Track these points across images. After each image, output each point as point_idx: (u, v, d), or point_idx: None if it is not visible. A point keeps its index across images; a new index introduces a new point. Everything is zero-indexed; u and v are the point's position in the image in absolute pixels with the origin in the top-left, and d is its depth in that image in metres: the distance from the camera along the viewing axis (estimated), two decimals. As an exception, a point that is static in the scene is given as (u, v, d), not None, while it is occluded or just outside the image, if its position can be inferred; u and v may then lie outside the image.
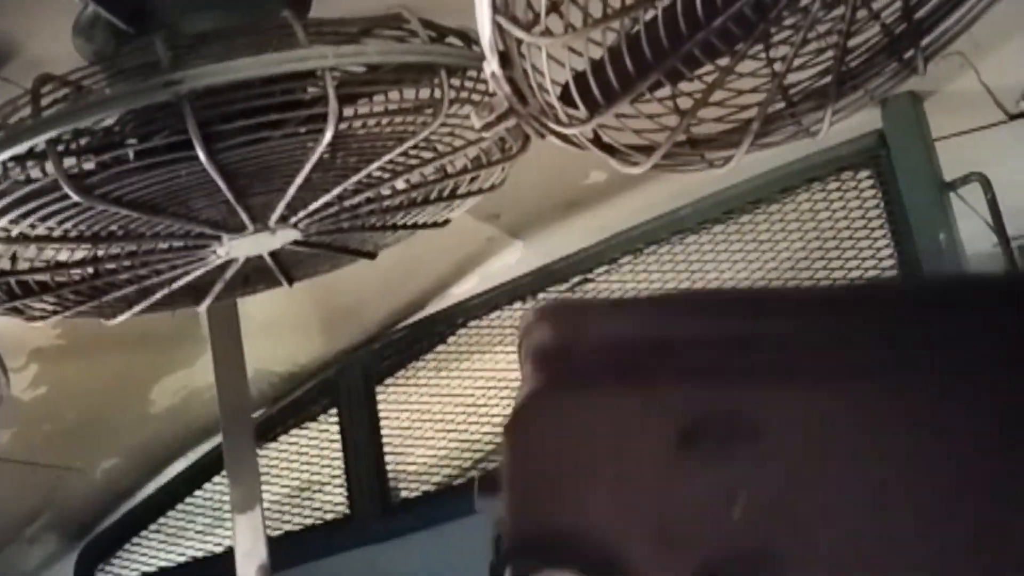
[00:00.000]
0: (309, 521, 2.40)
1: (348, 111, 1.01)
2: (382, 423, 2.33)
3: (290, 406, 2.44)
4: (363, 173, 1.05)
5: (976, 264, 1.84)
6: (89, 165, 1.01)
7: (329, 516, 2.37)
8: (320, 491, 2.42)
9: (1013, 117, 1.97)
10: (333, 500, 2.38)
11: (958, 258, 1.80)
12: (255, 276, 1.29)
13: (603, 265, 2.13)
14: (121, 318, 1.24)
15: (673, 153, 1.01)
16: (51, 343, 1.96)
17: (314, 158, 0.96)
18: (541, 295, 2.20)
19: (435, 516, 2.14)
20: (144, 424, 2.34)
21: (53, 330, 1.92)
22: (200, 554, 2.47)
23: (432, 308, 2.30)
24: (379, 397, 2.34)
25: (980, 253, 1.91)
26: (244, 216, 1.04)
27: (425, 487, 2.27)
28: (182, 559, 2.50)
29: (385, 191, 1.13)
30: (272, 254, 1.19)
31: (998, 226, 1.85)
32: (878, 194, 1.87)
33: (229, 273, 1.21)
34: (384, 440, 2.32)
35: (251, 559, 1.32)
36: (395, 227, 1.23)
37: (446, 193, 1.20)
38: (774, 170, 1.92)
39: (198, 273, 1.18)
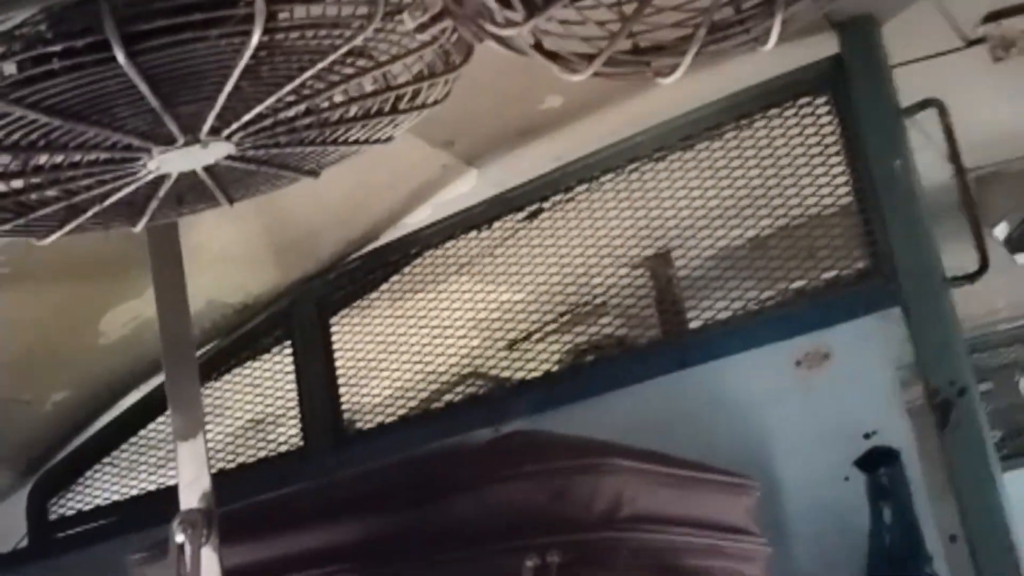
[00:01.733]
0: (263, 454, 2.38)
1: (283, 15, 0.97)
2: (336, 355, 2.31)
3: (242, 338, 2.41)
4: (296, 82, 1.01)
5: (931, 195, 1.83)
6: (9, 70, 0.97)
7: (283, 449, 2.36)
8: (274, 424, 2.41)
9: (971, 43, 1.94)
10: (287, 432, 2.36)
11: (912, 187, 1.79)
12: (192, 195, 1.25)
13: (559, 193, 2.11)
14: (52, 238, 1.20)
15: (618, 60, 0.98)
16: (-7, 271, 1.92)
17: (242, 63, 0.92)
18: (496, 224, 2.17)
19: (388, 448, 2.12)
20: (95, 356, 2.31)
21: (-6, 256, 1.88)
22: (153, 487, 2.45)
23: (386, 238, 2.27)
24: (333, 328, 2.32)
25: (936, 184, 1.89)
26: (173, 127, 1.00)
27: (379, 419, 2.26)
28: (136, 492, 2.48)
29: (323, 103, 1.09)
30: (208, 171, 1.15)
31: (953, 154, 1.84)
32: (835, 120, 1.85)
33: (163, 190, 1.16)
34: (338, 372, 2.30)
35: (194, 488, 1.30)
36: (335, 143, 1.19)
37: (387, 108, 1.16)
38: (731, 96, 1.90)
39: (129, 189, 1.13)
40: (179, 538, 1.28)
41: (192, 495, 1.31)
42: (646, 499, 1.31)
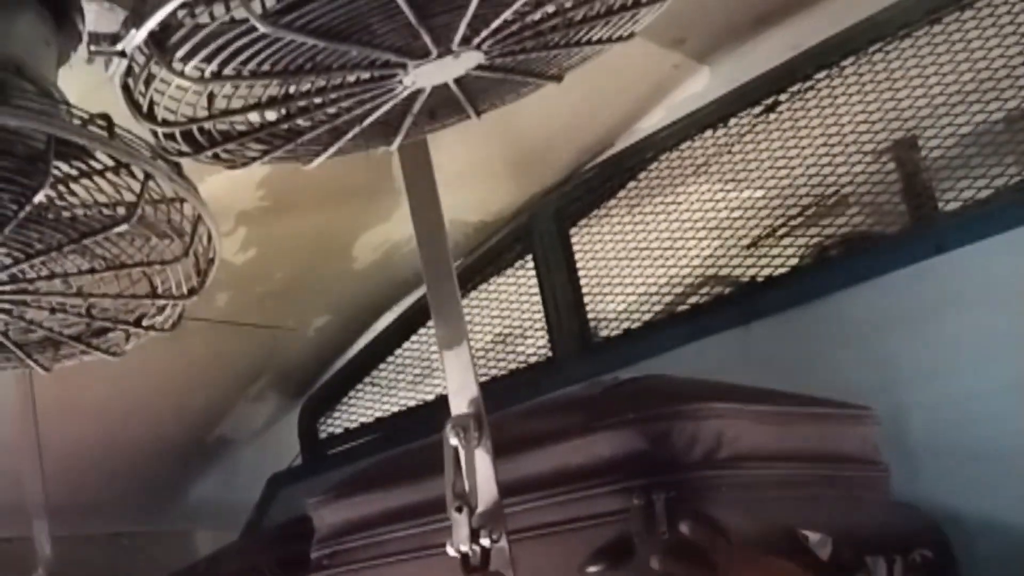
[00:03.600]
0: (513, 367, 2.44)
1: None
2: (578, 265, 2.33)
3: (484, 255, 2.47)
4: (543, -18, 1.02)
5: None
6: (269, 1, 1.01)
7: (532, 360, 2.41)
8: (521, 337, 2.46)
9: None
10: (535, 344, 2.41)
11: None
12: (442, 109, 1.28)
13: (796, 83, 2.04)
14: (319, 160, 1.25)
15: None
16: (255, 205, 2.03)
17: (493, -33, 0.94)
18: (732, 121, 2.12)
19: (636, 354, 2.13)
20: (350, 281, 2.42)
21: (256, 192, 1.99)
22: (413, 403, 2.56)
23: (621, 144, 2.26)
24: (573, 239, 2.34)
25: None
26: (427, 39, 1.03)
27: (625, 325, 2.27)
28: (396, 409, 2.60)
29: (567, 3, 1.09)
30: (457, 83, 1.18)
31: None
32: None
33: (417, 105, 1.20)
34: (581, 282, 2.32)
35: (463, 394, 1.34)
36: (579, 43, 1.19)
37: (629, 2, 1.15)
38: (980, -38, 1.78)
39: (387, 107, 1.17)
40: (453, 441, 1.32)
41: (461, 401, 1.36)
42: (749, 437, 1.37)
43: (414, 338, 2.57)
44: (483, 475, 1.30)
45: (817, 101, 2.02)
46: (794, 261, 2.10)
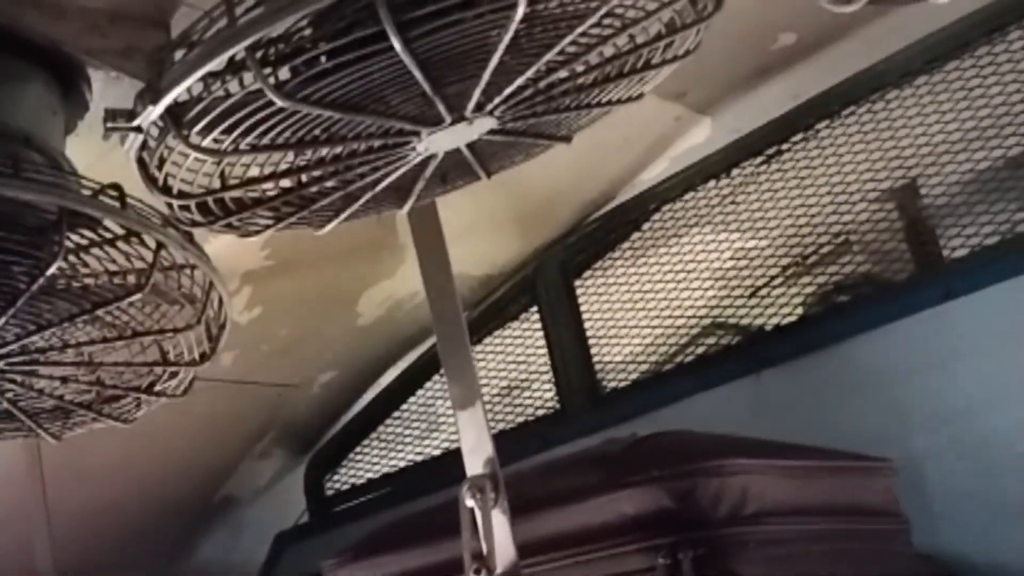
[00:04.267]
0: (521, 419, 2.43)
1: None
2: (584, 316, 2.33)
3: (490, 308, 2.47)
4: (555, 50, 1.02)
5: None
6: (282, 75, 1.01)
7: (540, 413, 2.40)
8: (528, 389, 2.45)
9: None
10: (542, 396, 2.40)
11: None
12: (453, 172, 1.28)
13: (798, 133, 2.05)
14: (331, 226, 1.25)
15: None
16: (260, 264, 2.03)
17: (507, 38, 0.94)
18: (734, 171, 2.13)
19: (645, 405, 2.12)
20: (355, 337, 2.41)
21: (261, 251, 1.99)
22: (420, 458, 2.54)
23: (624, 196, 2.27)
24: (578, 291, 2.34)
25: None
26: (441, 107, 1.03)
27: (633, 376, 2.27)
28: (403, 464, 2.58)
29: (578, 68, 1.09)
30: (469, 147, 1.18)
31: None
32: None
33: (429, 170, 1.20)
34: (587, 333, 2.32)
35: (478, 454, 1.33)
36: (589, 106, 1.19)
37: (640, 64, 1.15)
38: (980, 10, 1.79)
39: (399, 173, 1.17)
40: (469, 503, 1.31)
41: (476, 460, 1.35)
42: (773, 493, 1.38)
43: (419, 393, 2.56)
44: (500, 536, 1.29)
45: (819, 150, 2.03)
46: (800, 308, 2.10)
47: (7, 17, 1.23)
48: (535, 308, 2.40)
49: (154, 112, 0.95)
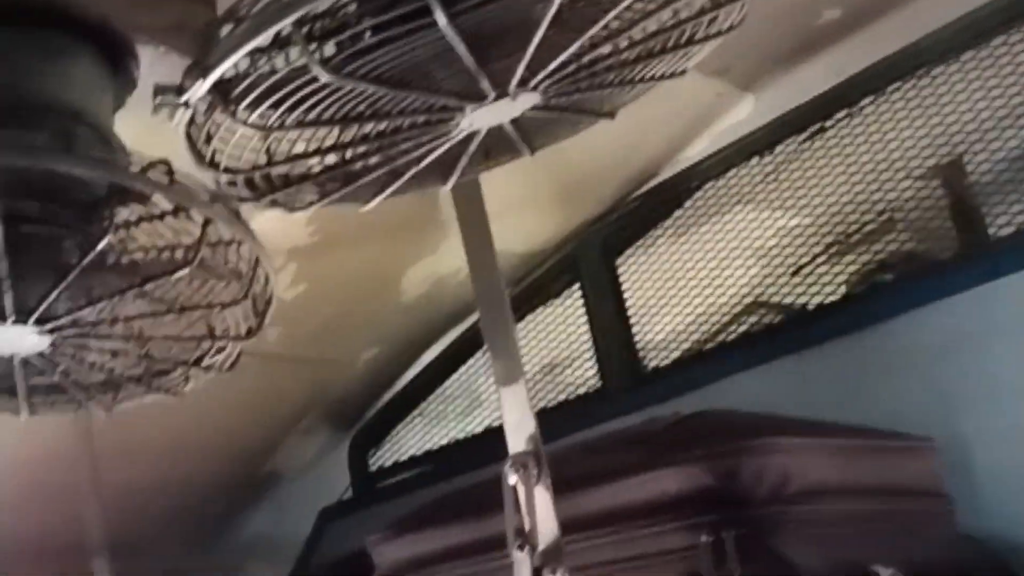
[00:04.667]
0: (562, 397, 2.44)
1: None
2: (625, 294, 2.33)
3: (532, 286, 2.47)
4: (599, 25, 1.02)
5: None
6: (328, 51, 1.02)
7: (581, 391, 2.40)
8: (569, 367, 2.46)
9: None
10: (583, 375, 2.41)
11: None
12: (496, 149, 1.29)
13: (842, 109, 2.03)
14: (375, 202, 1.27)
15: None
16: (306, 242, 2.05)
17: (551, 11, 0.94)
18: (776, 148, 2.12)
19: (686, 384, 2.13)
20: (398, 314, 2.43)
21: (306, 228, 2.01)
22: (462, 435, 2.56)
23: (665, 174, 2.26)
24: (620, 269, 2.34)
25: None
26: (485, 83, 1.03)
27: (674, 355, 2.27)
28: (445, 441, 2.60)
29: (622, 43, 1.10)
30: (513, 123, 1.19)
31: None
32: None
33: (473, 146, 1.21)
34: (629, 311, 2.32)
35: (521, 431, 1.34)
36: (632, 81, 1.19)
37: (683, 39, 1.15)
38: (1032, -20, 1.77)
39: (443, 149, 1.18)
40: (512, 480, 1.32)
41: (519, 437, 1.36)
42: (816, 472, 1.37)
43: (462, 370, 2.58)
44: (543, 513, 1.30)
45: (863, 127, 2.01)
46: (844, 287, 2.09)
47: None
48: (576, 286, 2.40)
49: (202, 87, 0.96)
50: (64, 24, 1.28)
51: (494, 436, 1.34)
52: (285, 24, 0.90)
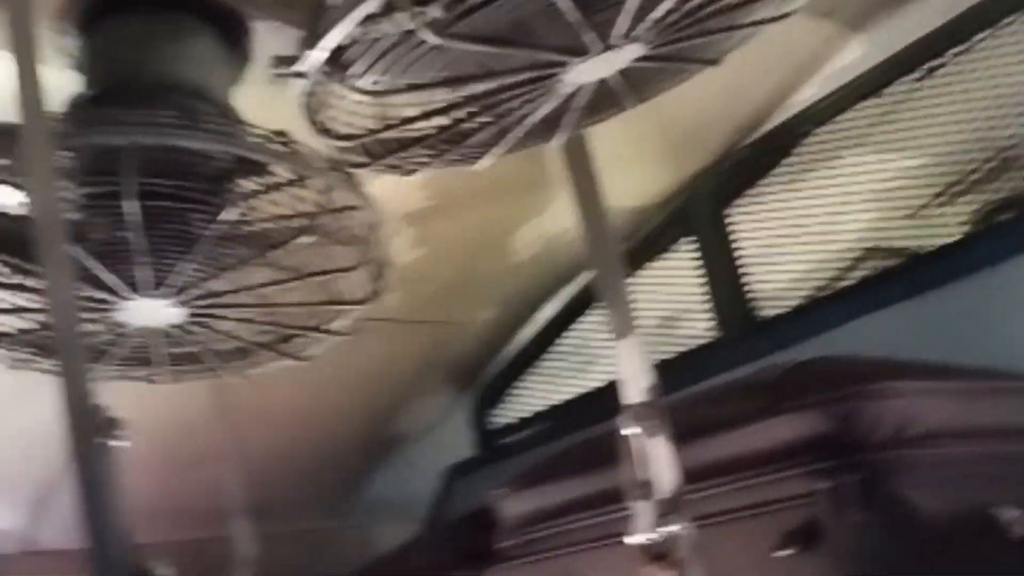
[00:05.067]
0: (677, 350, 2.44)
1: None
2: (738, 244, 2.32)
3: (643, 240, 2.48)
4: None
5: None
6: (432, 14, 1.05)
7: (696, 343, 2.41)
8: (683, 320, 2.46)
9: None
10: (698, 327, 2.41)
11: None
12: (600, 103, 1.30)
13: (955, 46, 1.98)
14: (485, 162, 1.29)
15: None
16: (419, 207, 2.09)
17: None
18: (888, 89, 2.08)
19: (803, 332, 2.11)
20: (511, 274, 2.46)
21: (419, 193, 2.05)
22: (580, 391, 2.59)
23: (775, 121, 2.24)
24: (732, 219, 2.33)
25: None
26: (590, 36, 1.05)
27: (789, 303, 2.25)
28: (564, 398, 2.63)
29: (724, -13, 1.10)
30: (618, 75, 1.20)
31: None
32: None
33: (579, 101, 1.22)
34: (743, 261, 2.31)
35: (638, 382, 1.35)
36: (738, 27, 1.19)
37: (787, -19, 1.15)
38: None
39: (550, 105, 1.20)
40: (630, 430, 1.34)
41: (636, 389, 1.37)
42: (936, 415, 1.35)
43: (576, 327, 2.60)
44: (663, 462, 1.31)
45: (978, 64, 1.96)
46: (961, 228, 2.05)
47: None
48: (688, 238, 2.40)
49: (317, 56, 1.00)
50: (182, 5, 1.33)
51: (612, 391, 1.36)
52: (394, -11, 0.93)
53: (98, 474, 0.92)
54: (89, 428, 0.93)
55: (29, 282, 1.25)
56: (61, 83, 1.29)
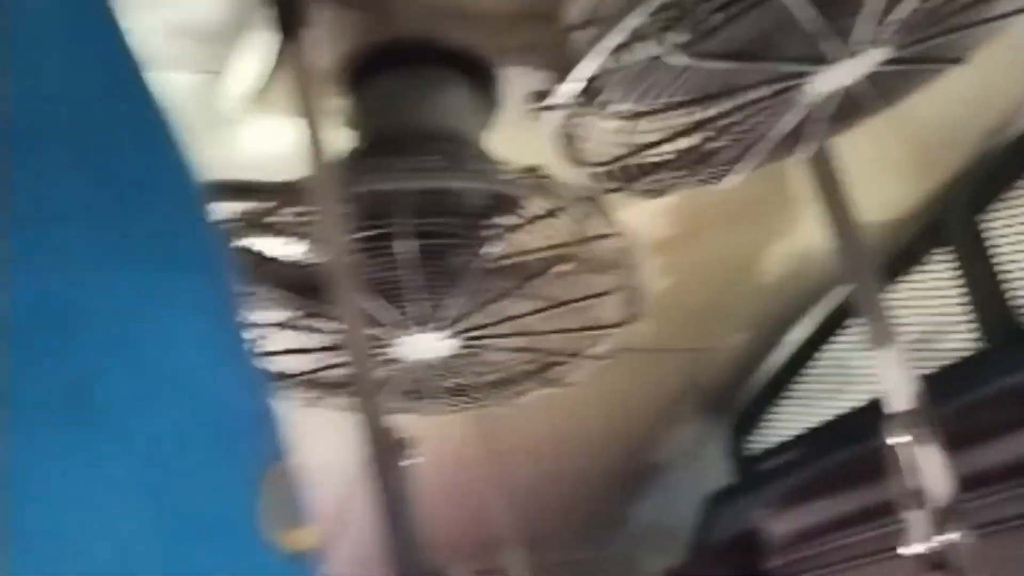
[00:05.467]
0: (939, 364, 2.36)
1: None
2: (997, 252, 2.23)
3: (895, 254, 2.42)
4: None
5: None
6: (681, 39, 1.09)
7: (958, 356, 2.32)
8: (942, 333, 2.38)
9: None
10: (958, 339, 2.32)
11: None
12: (843, 112, 1.31)
13: None
14: (730, 180, 1.32)
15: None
16: (666, 234, 2.12)
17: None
18: None
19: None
20: (759, 297, 2.45)
21: (666, 219, 2.08)
22: (837, 412, 2.54)
23: (1024, 121, 2.15)
24: (987, 226, 2.25)
25: None
26: (830, 44, 1.06)
27: (1056, 310, 2.15)
28: (821, 420, 2.58)
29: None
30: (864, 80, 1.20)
31: None
32: None
33: (823, 111, 1.23)
34: (1002, 269, 2.22)
35: (902, 393, 1.34)
36: (980, 22, 1.18)
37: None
38: None
39: (796, 116, 1.22)
40: (899, 439, 1.32)
41: (900, 398, 1.36)
42: None
43: (828, 347, 2.56)
44: (936, 471, 1.29)
45: None
46: None
47: (427, 31, 1.40)
48: (942, 248, 2.33)
49: (572, 87, 1.06)
50: (437, 58, 1.43)
51: (870, 412, 1.35)
52: (641, 18, 0.97)
53: (397, 492, 1.00)
54: (386, 450, 1.01)
55: (317, 323, 1.36)
56: (335, 140, 1.41)
